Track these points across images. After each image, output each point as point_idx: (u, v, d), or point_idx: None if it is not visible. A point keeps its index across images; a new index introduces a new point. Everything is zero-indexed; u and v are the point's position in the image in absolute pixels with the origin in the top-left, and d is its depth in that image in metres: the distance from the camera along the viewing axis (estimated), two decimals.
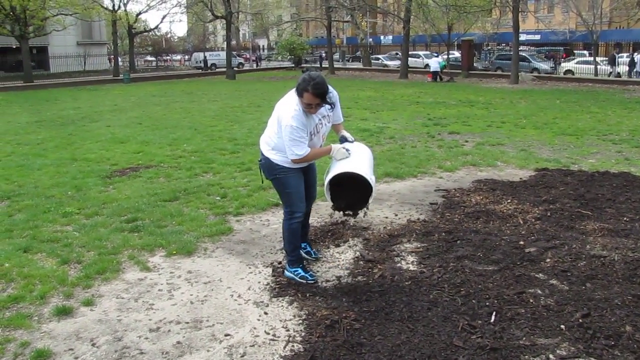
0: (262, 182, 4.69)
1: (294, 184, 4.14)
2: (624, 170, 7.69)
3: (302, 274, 4.24)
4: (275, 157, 4.08)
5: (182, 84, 31.60)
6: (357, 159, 4.10)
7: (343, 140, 4.32)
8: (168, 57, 56.38)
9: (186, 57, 57.78)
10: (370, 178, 3.99)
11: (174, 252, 4.88)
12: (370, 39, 58.32)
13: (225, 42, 42.62)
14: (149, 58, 57.30)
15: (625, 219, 5.41)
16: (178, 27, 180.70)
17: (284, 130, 3.88)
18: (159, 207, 6.25)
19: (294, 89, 3.96)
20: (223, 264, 4.65)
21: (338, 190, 4.17)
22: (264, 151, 4.17)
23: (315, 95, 3.80)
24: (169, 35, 69.34)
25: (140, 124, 13.80)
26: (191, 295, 4.07)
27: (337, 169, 4.01)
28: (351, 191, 4.18)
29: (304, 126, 3.88)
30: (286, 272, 4.31)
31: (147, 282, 4.30)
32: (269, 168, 4.15)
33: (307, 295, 3.97)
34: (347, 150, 4.09)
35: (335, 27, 59.40)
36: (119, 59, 43.32)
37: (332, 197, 4.16)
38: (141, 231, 5.44)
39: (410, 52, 39.29)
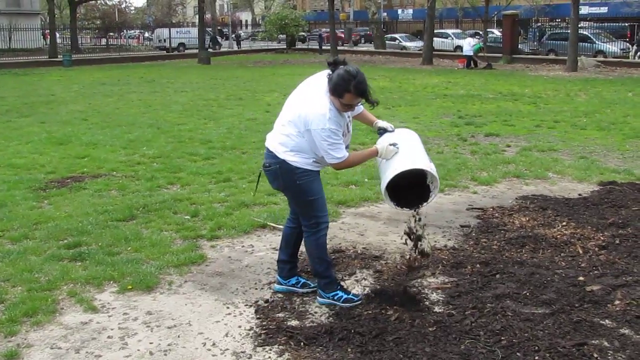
0: (254, 195, 4.81)
1: (317, 189, 4.43)
2: None
3: (345, 296, 4.47)
4: (296, 159, 4.31)
5: (141, 69, 31.73)
6: (409, 150, 4.44)
7: (382, 132, 4.65)
8: (122, 34, 56.59)
9: (146, 34, 58.02)
10: (431, 168, 4.37)
11: (129, 287, 4.87)
12: (385, 14, 58.65)
13: (197, 16, 42.83)
14: (97, 35, 57.52)
15: None
16: None
17: (317, 134, 4.17)
18: (110, 229, 6.24)
19: (319, 81, 4.30)
20: (193, 302, 4.65)
21: (394, 193, 4.46)
22: (279, 153, 4.34)
23: (358, 95, 4.19)
24: (123, 6, 69.59)
25: (86, 120, 13.84)
26: (151, 343, 4.06)
27: (392, 169, 4.28)
28: (407, 190, 4.48)
29: (340, 127, 4.25)
30: (320, 300, 4.53)
31: (93, 326, 4.29)
32: (286, 173, 4.34)
33: (302, 343, 3.97)
34: (395, 145, 4.38)
35: None
36: (57, 35, 43.40)
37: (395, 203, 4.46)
38: (86, 260, 5.43)
39: (436, 31, 39.50)
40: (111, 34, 55.03)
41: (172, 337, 4.13)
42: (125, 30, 58.77)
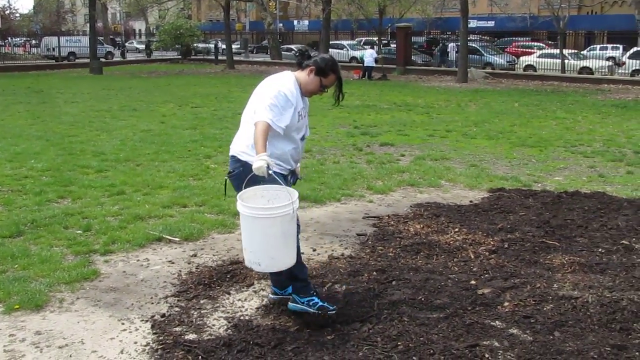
0: (225, 195, 4.66)
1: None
2: (597, 190, 8.18)
3: (320, 303, 4.33)
4: (247, 157, 4.20)
5: (28, 78, 30.54)
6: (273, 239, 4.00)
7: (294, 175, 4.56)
8: (7, 42, 54.33)
9: (33, 42, 55.90)
10: (251, 260, 4.07)
11: (16, 306, 4.68)
12: (281, 24, 59.03)
13: (88, 24, 41.70)
14: None
15: (600, 250, 5.74)
16: (21, 0, 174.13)
17: (270, 89, 4.21)
18: None
19: (283, 73, 4.42)
20: (86, 320, 4.52)
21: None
22: (240, 154, 4.26)
23: (337, 78, 4.42)
24: (7, 12, 66.81)
25: None
26: None
27: (252, 250, 4.05)
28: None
29: (294, 101, 4.25)
30: (292, 305, 4.41)
31: None
32: (245, 174, 4.09)
33: (201, 357, 3.92)
34: (270, 174, 3.94)
35: (235, 8, 59.64)
36: None
37: None
38: None
39: (331, 42, 40.03)
40: None
41: (64, 357, 4.00)
42: (10, 38, 56.47)
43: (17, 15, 72.18)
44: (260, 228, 3.97)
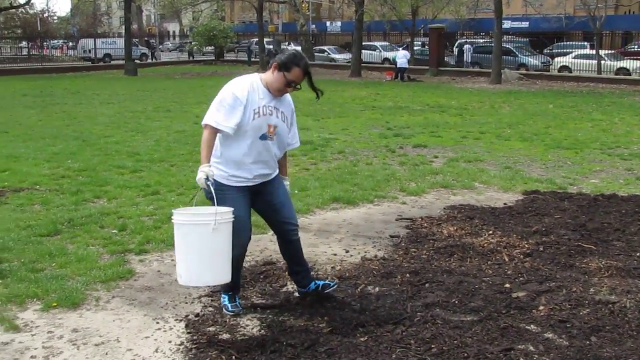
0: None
1: (229, 204, 4.21)
2: (635, 193, 8.06)
3: (225, 302, 4.59)
4: (216, 171, 4.24)
5: (65, 80, 31.03)
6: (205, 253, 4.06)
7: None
8: (45, 44, 55.24)
9: (70, 44, 56.77)
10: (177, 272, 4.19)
11: (54, 304, 4.74)
12: (313, 26, 59.10)
13: (123, 27, 42.20)
14: (18, 44, 55.96)
15: (638, 254, 5.65)
16: (59, 3, 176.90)
17: (219, 94, 4.25)
18: (33, 244, 6.08)
19: (247, 75, 4.40)
20: (121, 318, 4.56)
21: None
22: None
23: (304, 72, 4.28)
24: (45, 15, 67.93)
25: (6, 133, 13.44)
26: None
27: (186, 261, 4.11)
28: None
29: (244, 100, 4.19)
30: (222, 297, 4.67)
31: (15, 346, 4.16)
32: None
33: (234, 357, 3.94)
34: (209, 185, 4.07)
35: (267, 10, 59.83)
36: None
37: None
38: (7, 277, 5.27)
39: (364, 43, 39.99)
40: (33, 43, 53.62)
41: (100, 354, 4.04)
42: (48, 40, 57.42)
43: (55, 18, 73.38)
44: (180, 235, 4.08)
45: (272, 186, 4.50)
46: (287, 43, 49.05)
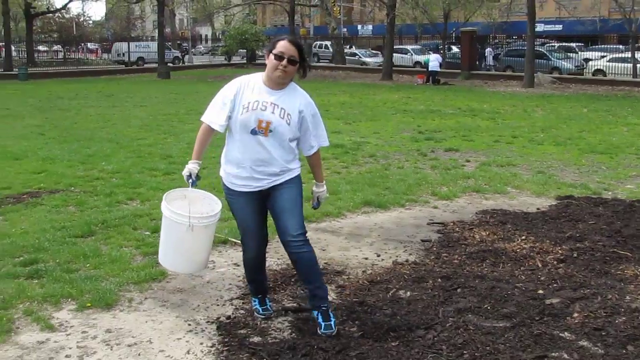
0: None
1: (235, 209, 4.35)
2: None
3: (256, 306, 4.60)
4: (221, 172, 4.35)
5: (99, 82, 31.42)
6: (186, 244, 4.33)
7: (315, 200, 4.58)
8: (80, 48, 55.98)
9: (104, 47, 57.44)
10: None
11: (88, 304, 4.80)
12: (345, 29, 59.09)
13: (156, 30, 42.60)
14: (53, 48, 56.73)
15: None
16: (94, 8, 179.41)
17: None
18: (68, 245, 6.15)
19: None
20: (154, 319, 4.60)
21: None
22: None
23: (291, 43, 4.13)
24: (81, 19, 68.89)
25: (43, 135, 13.64)
26: None
27: (167, 250, 4.48)
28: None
29: (233, 95, 4.18)
30: None
31: (51, 345, 4.21)
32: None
33: None
34: (191, 184, 4.35)
35: (299, 13, 60.02)
36: (12, 48, 42.76)
37: None
38: (43, 277, 5.34)
39: (395, 47, 39.91)
40: (68, 47, 54.30)
41: (133, 355, 4.08)
42: (83, 44, 58.17)
43: (90, 22, 74.35)
44: (164, 222, 4.36)
45: (277, 191, 4.26)
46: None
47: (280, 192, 4.25)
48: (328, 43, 49.16)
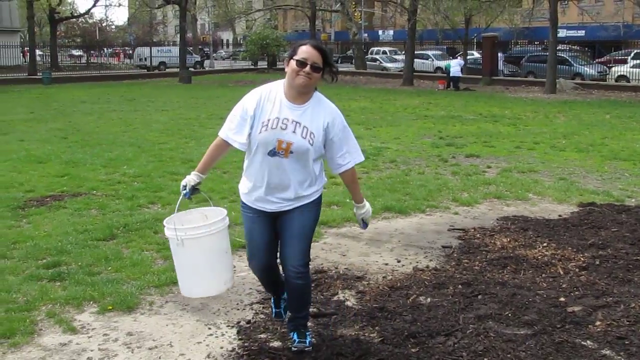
0: None
1: (245, 220, 4.12)
2: None
3: (272, 307, 4.48)
4: (241, 180, 4.15)
5: (122, 87, 31.66)
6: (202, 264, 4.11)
7: (362, 221, 4.30)
8: (103, 52, 56.53)
9: (127, 52, 57.92)
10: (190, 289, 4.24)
11: (110, 307, 4.84)
12: (366, 34, 59.14)
13: (178, 35, 42.87)
14: (77, 52, 57.36)
15: None
16: (116, 13, 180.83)
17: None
18: (90, 249, 6.20)
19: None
20: (174, 323, 4.62)
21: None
22: None
23: (314, 47, 3.76)
24: (104, 24, 69.53)
25: (66, 139, 13.77)
26: None
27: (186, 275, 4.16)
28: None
29: (252, 110, 3.80)
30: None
31: (73, 347, 4.25)
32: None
33: None
34: (184, 193, 4.04)
35: (320, 19, 60.13)
36: (37, 53, 43.26)
37: None
38: (65, 280, 5.39)
39: (416, 52, 39.84)
40: (92, 51, 54.90)
41: (153, 358, 4.10)
42: (106, 49, 58.73)
43: (113, 27, 75.03)
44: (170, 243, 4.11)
45: (286, 216, 3.94)
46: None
47: (292, 217, 3.93)
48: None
